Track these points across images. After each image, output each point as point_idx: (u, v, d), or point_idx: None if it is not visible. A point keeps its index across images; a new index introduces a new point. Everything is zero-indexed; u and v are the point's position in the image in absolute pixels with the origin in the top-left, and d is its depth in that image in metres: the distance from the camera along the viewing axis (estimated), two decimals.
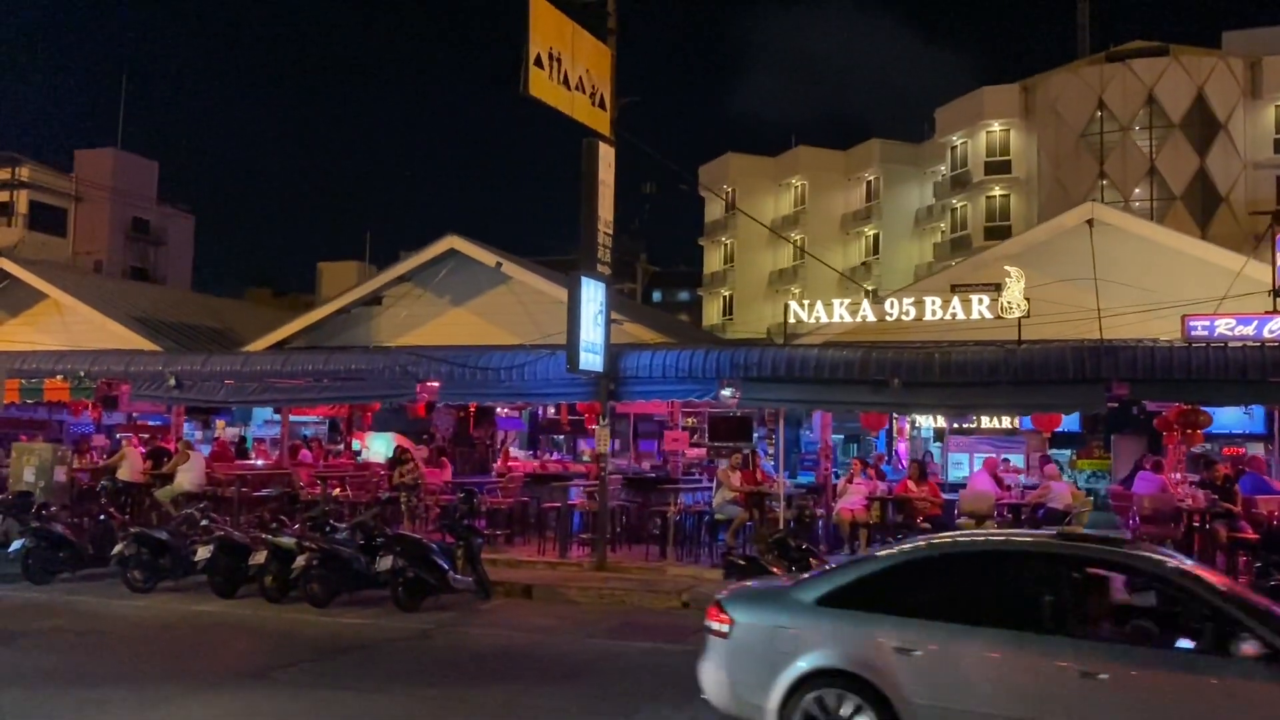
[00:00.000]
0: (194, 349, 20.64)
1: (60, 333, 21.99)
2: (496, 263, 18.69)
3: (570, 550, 15.60)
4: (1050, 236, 16.00)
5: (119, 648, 10.61)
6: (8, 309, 22.81)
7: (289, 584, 12.88)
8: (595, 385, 15.07)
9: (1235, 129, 44.86)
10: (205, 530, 14.04)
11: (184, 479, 17.37)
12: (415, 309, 19.74)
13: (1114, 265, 15.07)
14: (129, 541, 13.64)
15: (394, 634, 11.32)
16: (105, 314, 21.19)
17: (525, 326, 18.76)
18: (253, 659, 10.22)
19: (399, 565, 12.38)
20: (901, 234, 58.00)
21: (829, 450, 17.38)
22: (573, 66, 14.07)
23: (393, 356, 16.57)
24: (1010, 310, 13.96)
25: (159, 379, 17.61)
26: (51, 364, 18.49)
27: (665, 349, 15.20)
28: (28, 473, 16.62)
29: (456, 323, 19.33)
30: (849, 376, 13.77)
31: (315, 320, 20.12)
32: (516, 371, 15.60)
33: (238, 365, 17.36)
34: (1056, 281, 14.82)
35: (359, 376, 16.55)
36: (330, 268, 77.13)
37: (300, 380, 17.24)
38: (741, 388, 14.28)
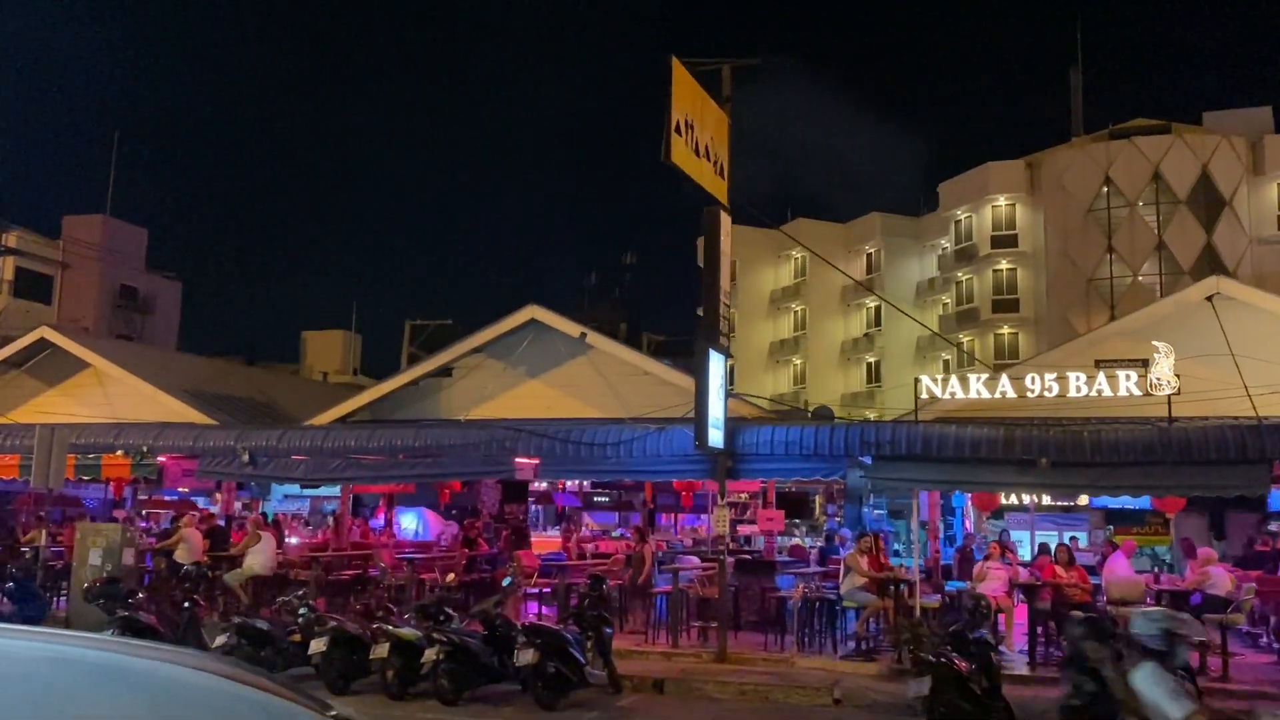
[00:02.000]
0: (251, 423, 19.75)
1: (102, 405, 21.02)
2: (580, 333, 18.08)
3: (680, 638, 14.73)
4: (1173, 310, 15.68)
5: None
6: (45, 379, 21.82)
7: (412, 679, 11.97)
8: (710, 463, 14.38)
9: (1240, 205, 45.56)
10: (306, 619, 13.12)
11: (255, 561, 16.40)
12: (488, 381, 19.03)
13: (1242, 340, 14.74)
14: (230, 632, 12.66)
15: None
16: (156, 385, 20.24)
17: (606, 399, 18.11)
18: None
19: (540, 660, 11.52)
20: (902, 305, 58.11)
21: (937, 531, 16.73)
22: (701, 134, 13.66)
23: (488, 430, 15.80)
24: (1160, 387, 13.52)
25: (230, 455, 16.69)
26: (110, 438, 17.50)
27: (786, 424, 14.58)
28: (94, 555, 15.56)
29: (532, 395, 18.62)
30: (992, 455, 13.21)
31: (384, 393, 19.32)
32: (624, 447, 14.88)
33: (318, 440, 16.49)
34: (1189, 358, 14.42)
35: (452, 452, 15.74)
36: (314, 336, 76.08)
37: (383, 456, 16.39)
38: (872, 467, 13.66)
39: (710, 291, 14.04)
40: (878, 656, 13.73)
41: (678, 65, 12.91)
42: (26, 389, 21.80)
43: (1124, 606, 13.26)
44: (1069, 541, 20.73)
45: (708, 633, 14.72)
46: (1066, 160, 48.51)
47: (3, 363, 21.88)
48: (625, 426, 15.42)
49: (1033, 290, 49.40)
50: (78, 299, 61.87)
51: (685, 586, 14.85)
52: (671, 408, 16.30)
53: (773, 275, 62.13)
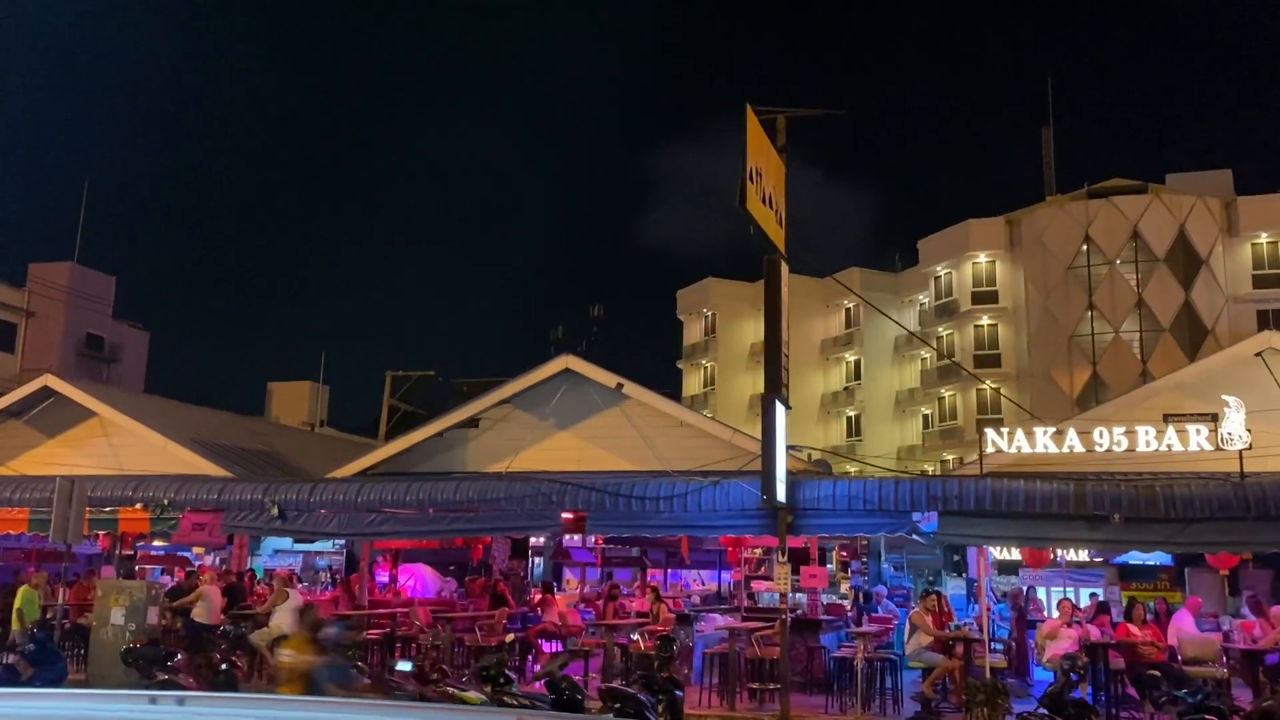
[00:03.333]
0: (260, 475, 19.08)
1: (106, 456, 20.24)
2: (617, 384, 17.70)
3: (737, 700, 14.26)
4: (1225, 365, 15.67)
5: None
6: (45, 429, 20.99)
7: None
8: (768, 518, 14.04)
9: (1216, 265, 46.49)
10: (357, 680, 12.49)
11: (283, 620, 15.64)
12: (515, 433, 18.54)
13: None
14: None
15: None
16: (167, 435, 19.52)
17: (640, 451, 17.71)
18: None
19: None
20: (882, 360, 58.46)
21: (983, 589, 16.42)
22: (766, 183, 13.51)
23: (533, 484, 15.33)
24: (1231, 441, 13.43)
25: (258, 508, 16.04)
26: (128, 490, 16.77)
27: (848, 478, 14.29)
28: (116, 614, 14.81)
29: (563, 447, 18.16)
30: (1063, 511, 13.00)
31: (406, 446, 18.76)
32: (677, 501, 14.49)
33: (351, 494, 15.89)
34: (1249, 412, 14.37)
35: (494, 506, 15.24)
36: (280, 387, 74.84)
37: (417, 510, 15.84)
38: (939, 522, 13.39)
39: (772, 342, 13.79)
40: (944, 718, 13.36)
41: (751, 113, 12.78)
42: (25, 439, 20.96)
43: (1197, 666, 13.06)
44: (1090, 598, 20.61)
45: (761, 694, 14.27)
46: (1046, 218, 49.30)
47: (1, 412, 21.03)
48: (673, 480, 15.04)
49: (1014, 346, 49.87)
50: (42, 348, 60.47)
51: (740, 647, 14.37)
52: (720, 462, 15.96)
53: (752, 329, 62.28)
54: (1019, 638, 15.72)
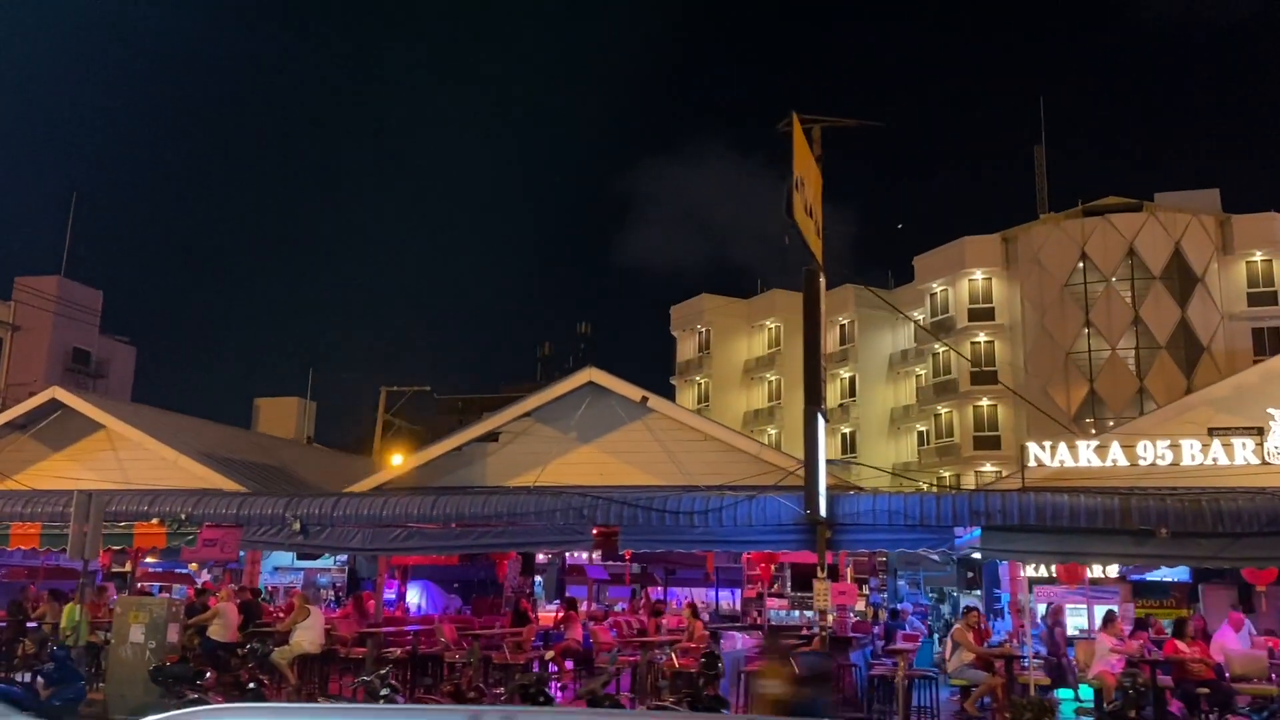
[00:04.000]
0: (269, 490, 18.72)
1: (114, 469, 19.85)
2: (642, 397, 17.48)
3: None
4: (1258, 381, 15.58)
5: None
6: (50, 443, 20.57)
7: None
8: (806, 533, 13.81)
9: (1211, 282, 46.73)
10: (390, 701, 12.17)
11: (304, 638, 15.30)
12: (537, 446, 18.28)
13: None
14: None
15: None
16: (179, 449, 19.14)
17: (663, 465, 17.50)
18: None
19: None
20: (876, 377, 58.41)
21: (1017, 605, 16.22)
22: (807, 192, 13.36)
23: (563, 498, 15.05)
24: (1277, 455, 13.31)
25: (279, 523, 15.68)
26: (143, 505, 16.38)
27: (888, 493, 14.08)
28: (135, 631, 14.36)
29: (585, 460, 17.91)
30: (1109, 526, 12.83)
31: (424, 460, 18.45)
32: (713, 516, 14.24)
33: (376, 508, 15.57)
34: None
35: (523, 520, 14.94)
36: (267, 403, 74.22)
37: (440, 525, 15.52)
38: (982, 537, 13.19)
39: (811, 353, 13.62)
40: None
41: (796, 122, 12.62)
42: (29, 453, 20.54)
43: (1245, 683, 12.89)
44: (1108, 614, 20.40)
45: None
46: (1042, 236, 49.46)
47: (6, 425, 20.60)
48: (706, 495, 14.79)
49: (1010, 363, 49.90)
50: (27, 361, 59.80)
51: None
52: (747, 477, 15.74)
53: (746, 346, 62.21)
54: (1057, 654, 15.51)
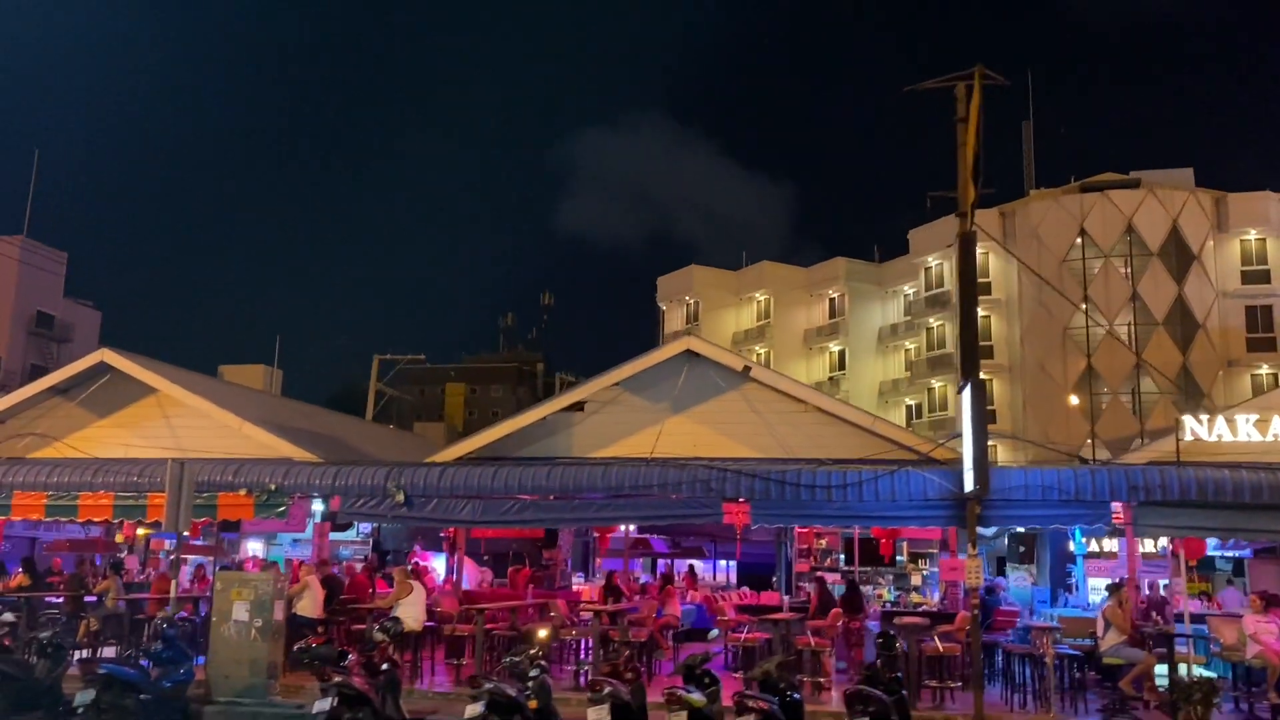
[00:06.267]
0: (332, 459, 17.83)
1: (166, 436, 18.79)
2: (744, 366, 16.86)
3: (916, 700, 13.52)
4: None
5: None
6: (96, 408, 19.43)
7: None
8: (952, 509, 13.35)
9: (1207, 260, 47.17)
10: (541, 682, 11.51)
11: (407, 614, 14.56)
12: (625, 416, 17.59)
13: None
14: (481, 700, 10.91)
15: None
16: (244, 416, 18.14)
17: (761, 437, 16.92)
18: None
19: None
20: (866, 350, 58.38)
21: (1135, 580, 15.96)
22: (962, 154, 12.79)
23: (688, 470, 14.42)
24: None
25: (378, 493, 14.85)
26: (227, 474, 15.44)
27: (1040, 467, 13.65)
28: (239, 609, 13.53)
29: (677, 432, 17.23)
30: (1274, 501, 12.54)
31: (510, 430, 17.65)
32: (852, 490, 13.72)
33: (486, 479, 14.79)
34: None
35: (646, 493, 14.29)
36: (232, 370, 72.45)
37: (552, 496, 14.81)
38: (1136, 513, 12.84)
39: (967, 319, 13.10)
40: (1141, 717, 12.82)
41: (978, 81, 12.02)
42: (75, 419, 19.38)
43: None
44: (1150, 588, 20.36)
45: (940, 694, 13.60)
46: (1040, 211, 49.53)
47: (48, 390, 19.43)
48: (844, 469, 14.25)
49: (1007, 338, 50.04)
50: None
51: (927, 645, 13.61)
52: (852, 450, 15.24)
53: (734, 318, 61.77)
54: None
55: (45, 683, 12.86)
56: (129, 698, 11.91)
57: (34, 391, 19.48)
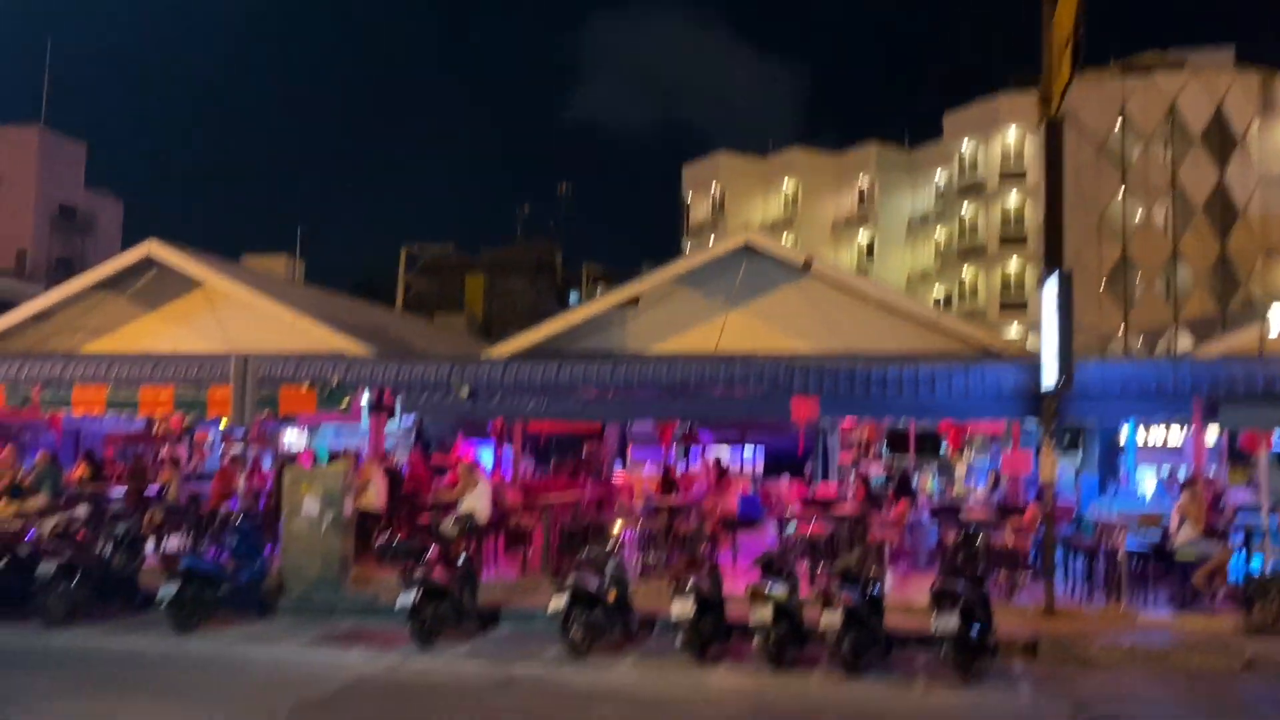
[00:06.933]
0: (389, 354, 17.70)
1: (214, 331, 18.68)
2: (805, 261, 16.51)
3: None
4: None
5: None
6: (143, 303, 19.28)
7: (795, 643, 10.61)
8: (1028, 403, 13.15)
9: (1250, 144, 45.93)
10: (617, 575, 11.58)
11: (475, 507, 14.58)
12: (680, 311, 17.36)
13: None
14: (565, 593, 10.97)
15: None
16: (297, 309, 17.97)
17: (822, 333, 16.69)
18: None
19: (962, 625, 10.21)
20: (895, 240, 57.64)
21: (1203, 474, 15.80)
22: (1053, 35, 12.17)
23: (753, 365, 14.22)
24: None
25: (442, 388, 14.75)
26: (288, 369, 15.34)
27: (1122, 360, 13.40)
28: (309, 504, 13.54)
29: (735, 328, 17.01)
30: None
31: (564, 326, 17.45)
32: (924, 385, 13.52)
33: (551, 374, 14.65)
34: None
35: (713, 389, 14.13)
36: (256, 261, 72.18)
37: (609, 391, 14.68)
38: (1224, 406, 12.62)
39: (1053, 209, 12.69)
40: (1217, 612, 12.82)
41: None
42: (121, 314, 19.26)
43: None
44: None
45: (1009, 588, 13.61)
46: (1082, 94, 47.93)
47: (95, 285, 19.25)
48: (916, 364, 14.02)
49: (1038, 226, 49.20)
50: (13, 218, 57.29)
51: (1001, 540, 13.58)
52: (917, 346, 14.98)
53: (762, 206, 60.89)
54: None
55: (122, 575, 13.01)
56: (209, 591, 12.03)
57: (80, 287, 19.33)
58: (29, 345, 18.98)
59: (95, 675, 9.77)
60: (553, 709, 9.02)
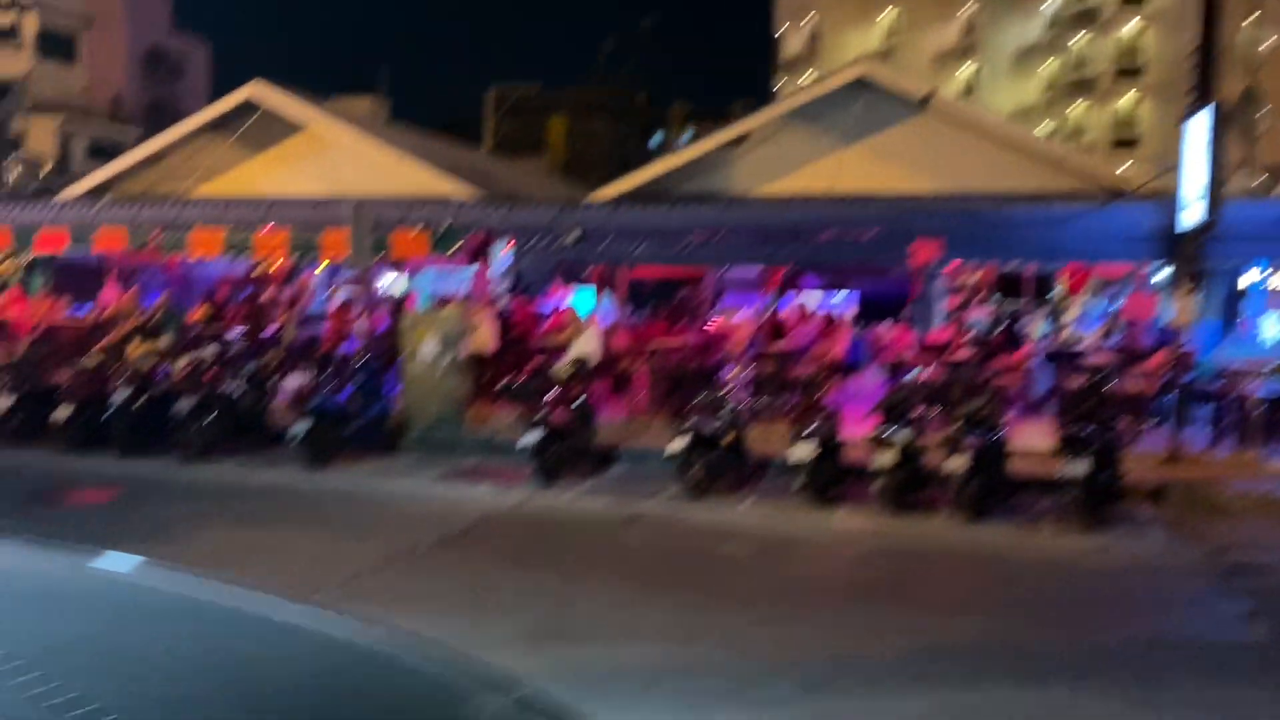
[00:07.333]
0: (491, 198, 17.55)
1: (318, 174, 18.69)
2: (925, 95, 15.77)
3: None
4: None
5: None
6: (248, 146, 19.35)
7: (914, 488, 10.59)
8: (1164, 244, 12.54)
9: None
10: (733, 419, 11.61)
11: (584, 349, 14.66)
12: (790, 150, 16.80)
13: None
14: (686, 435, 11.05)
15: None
16: (402, 153, 17.87)
17: (938, 170, 16.04)
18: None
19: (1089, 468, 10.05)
20: (999, 73, 54.87)
21: None
22: None
23: (870, 207, 13.79)
24: None
25: (552, 232, 14.64)
26: (402, 213, 15.35)
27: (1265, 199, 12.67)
28: (427, 346, 13.76)
29: (848, 167, 16.43)
30: None
31: (669, 167, 17.06)
32: (1056, 226, 12.96)
33: (660, 217, 14.43)
34: None
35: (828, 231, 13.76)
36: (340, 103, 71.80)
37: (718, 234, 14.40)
38: None
39: (1208, 36, 11.79)
40: None
41: None
42: (226, 157, 19.38)
43: None
44: None
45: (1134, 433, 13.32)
46: None
47: (201, 128, 19.35)
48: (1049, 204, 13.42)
49: (1164, 58, 46.32)
50: (106, 60, 57.58)
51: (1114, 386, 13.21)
52: (1043, 185, 14.29)
53: (858, 41, 58.21)
54: None
55: (251, 413, 13.47)
56: (337, 429, 12.40)
57: (187, 130, 19.45)
58: (142, 189, 19.31)
59: (236, 507, 10.20)
60: (682, 543, 9.19)
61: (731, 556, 8.86)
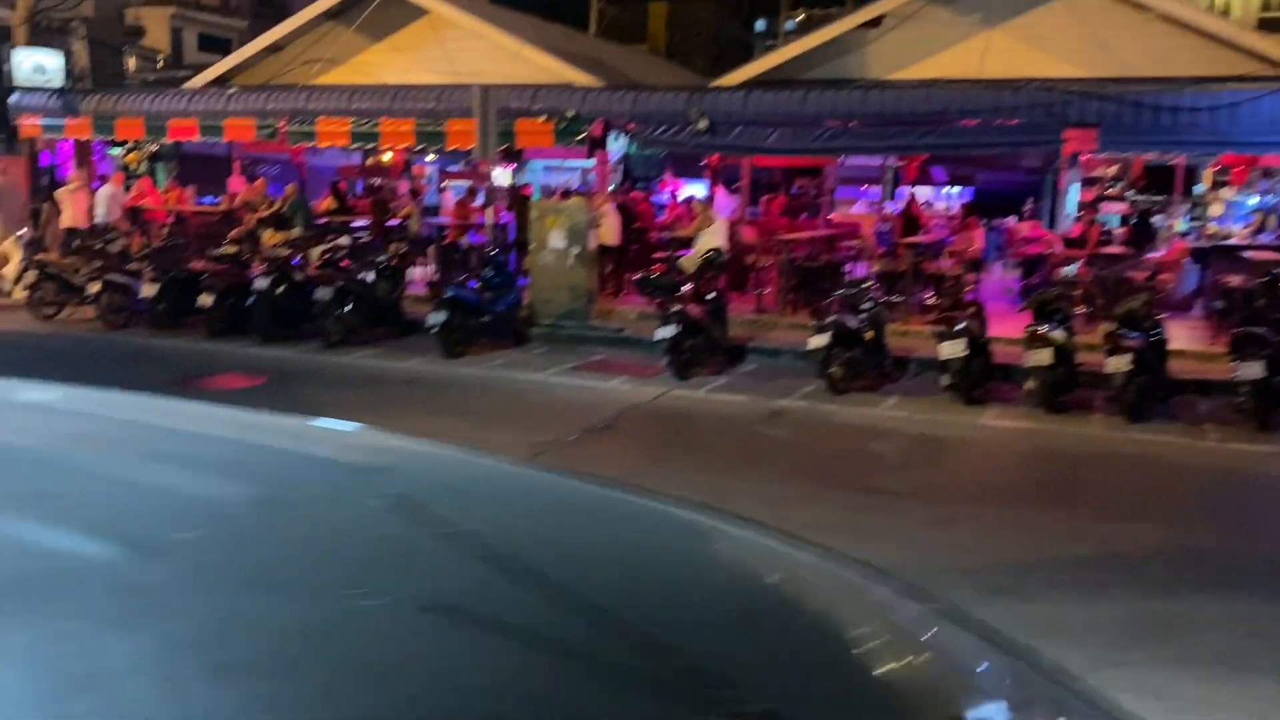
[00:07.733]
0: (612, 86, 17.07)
1: (441, 61, 18.39)
2: None
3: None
4: None
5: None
6: (369, 33, 19.13)
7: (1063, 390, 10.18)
8: None
9: None
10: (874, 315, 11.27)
11: (710, 242, 14.34)
12: (927, 33, 15.89)
13: None
14: (826, 333, 10.77)
15: None
16: (523, 39, 17.50)
17: (1094, 55, 14.96)
18: None
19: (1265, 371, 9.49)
20: None
21: None
22: None
23: (1022, 93, 13.02)
24: None
25: (678, 120, 14.22)
26: (526, 101, 15.07)
27: None
28: (555, 237, 13.63)
29: (992, 50, 15.46)
30: None
31: (798, 52, 16.34)
32: (1222, 113, 12.08)
33: (794, 104, 13.85)
34: None
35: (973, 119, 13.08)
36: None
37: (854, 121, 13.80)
38: None
39: None
40: None
41: None
42: (350, 45, 19.21)
43: None
44: None
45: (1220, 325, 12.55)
46: None
47: (322, 15, 19.18)
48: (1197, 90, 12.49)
49: None
50: None
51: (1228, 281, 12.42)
52: (1209, 70, 13.25)
53: None
54: None
55: (386, 303, 13.59)
56: (472, 319, 12.43)
57: (308, 17, 19.29)
58: (263, 79, 19.35)
59: (378, 394, 10.32)
60: (830, 442, 9.00)
61: (883, 455, 8.65)
